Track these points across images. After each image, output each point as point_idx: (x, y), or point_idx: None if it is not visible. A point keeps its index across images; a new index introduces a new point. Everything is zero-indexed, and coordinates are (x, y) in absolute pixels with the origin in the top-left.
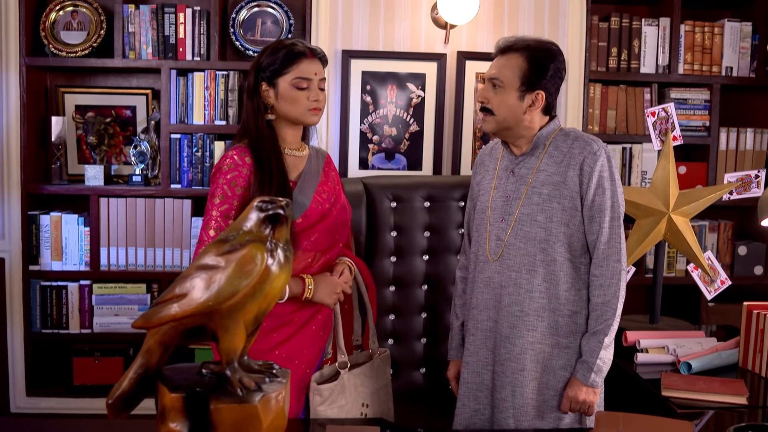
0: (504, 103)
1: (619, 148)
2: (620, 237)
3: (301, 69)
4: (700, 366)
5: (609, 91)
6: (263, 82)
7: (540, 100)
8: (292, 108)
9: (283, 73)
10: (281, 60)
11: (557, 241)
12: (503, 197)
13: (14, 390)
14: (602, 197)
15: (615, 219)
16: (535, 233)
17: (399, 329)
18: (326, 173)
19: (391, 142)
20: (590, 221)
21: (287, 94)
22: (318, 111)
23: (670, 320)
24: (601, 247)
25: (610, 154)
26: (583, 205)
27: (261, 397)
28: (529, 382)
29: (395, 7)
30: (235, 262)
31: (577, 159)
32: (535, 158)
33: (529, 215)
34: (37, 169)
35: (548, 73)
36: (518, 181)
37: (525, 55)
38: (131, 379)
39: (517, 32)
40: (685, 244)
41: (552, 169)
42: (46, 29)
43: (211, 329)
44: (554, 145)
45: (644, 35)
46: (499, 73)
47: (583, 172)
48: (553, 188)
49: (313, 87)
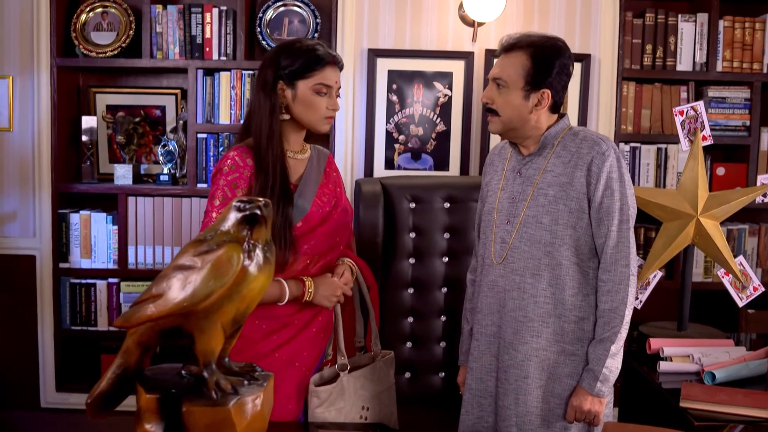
0: (509, 104)
1: (653, 149)
2: (629, 241)
3: (324, 75)
4: (725, 376)
5: (643, 89)
6: (281, 80)
7: (546, 99)
8: (309, 113)
9: (306, 76)
10: (306, 63)
11: (563, 245)
12: (509, 198)
13: (44, 385)
14: (611, 199)
15: (624, 222)
16: (540, 236)
17: (418, 332)
18: (327, 174)
19: (417, 142)
20: (598, 224)
21: (306, 99)
22: (332, 119)
23: (699, 327)
24: (609, 251)
25: (619, 155)
26: (591, 207)
27: (235, 400)
28: (533, 390)
29: (422, 4)
30: (210, 263)
31: (584, 159)
32: (542, 158)
33: (535, 217)
34: (69, 168)
35: (554, 71)
36: (525, 182)
37: (529, 52)
38: (109, 379)
39: (547, 31)
40: (714, 248)
41: (559, 169)
42: (76, 30)
43: (187, 330)
44: (562, 145)
45: (681, 31)
46: (502, 72)
47: (590, 173)
48: (560, 189)
49: (332, 94)
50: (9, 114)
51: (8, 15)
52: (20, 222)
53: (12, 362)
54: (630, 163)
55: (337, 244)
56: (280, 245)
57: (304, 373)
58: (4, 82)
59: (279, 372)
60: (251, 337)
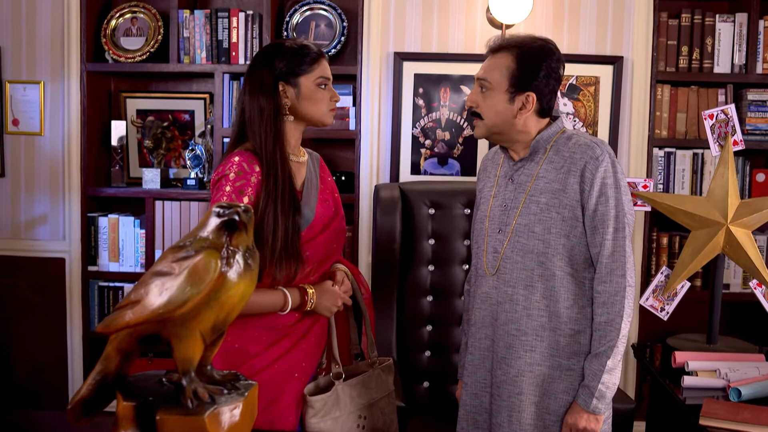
0: (492, 107)
1: (689, 154)
2: (625, 250)
3: (323, 68)
4: (752, 393)
5: (679, 92)
6: (281, 80)
7: (531, 103)
8: (315, 108)
9: (307, 71)
10: (304, 59)
11: (556, 254)
12: (501, 206)
13: (72, 387)
14: (605, 206)
15: (620, 230)
16: (532, 245)
17: (436, 340)
18: (323, 179)
19: (444, 147)
20: (593, 232)
21: (311, 94)
22: (334, 111)
23: (730, 341)
24: (604, 260)
25: (615, 160)
26: (585, 215)
27: (211, 410)
28: (527, 407)
29: (449, 7)
30: (187, 270)
31: (578, 164)
32: (534, 164)
33: (527, 226)
34: (99, 172)
35: (540, 73)
36: (517, 188)
37: (514, 53)
38: (90, 385)
39: (578, 32)
40: (745, 258)
41: (551, 175)
42: (106, 36)
43: (165, 337)
44: (555, 150)
45: (718, 32)
46: (486, 74)
47: (584, 179)
48: (552, 197)
49: (330, 87)
50: (41, 119)
51: (40, 22)
52: (51, 225)
53: (42, 362)
54: (664, 169)
55: (335, 250)
56: (291, 256)
57: (303, 384)
58: (36, 88)
59: (279, 384)
60: (250, 349)
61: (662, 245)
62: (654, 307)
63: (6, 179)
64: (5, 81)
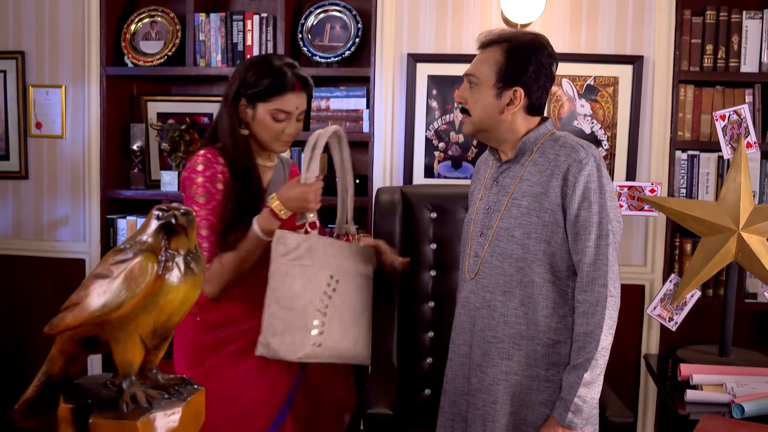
0: (479, 103)
1: (714, 157)
2: (608, 258)
3: (284, 101)
4: (756, 410)
5: (703, 93)
6: (243, 98)
7: (519, 98)
8: (264, 134)
9: (266, 100)
10: (267, 88)
11: (536, 260)
12: (485, 209)
13: None
14: (588, 212)
15: (603, 237)
16: (512, 250)
17: (438, 347)
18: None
19: (458, 150)
20: (574, 239)
21: (263, 121)
22: (288, 143)
23: (746, 353)
24: (586, 269)
25: (601, 163)
26: (567, 221)
27: (147, 415)
28: (502, 417)
29: (463, 8)
30: (123, 273)
31: (561, 167)
32: (519, 166)
33: (507, 230)
34: (119, 175)
35: (529, 68)
36: (500, 191)
37: (503, 47)
38: (34, 387)
39: (596, 31)
40: (759, 266)
41: (535, 178)
42: (126, 40)
43: (104, 340)
44: (541, 152)
45: (745, 30)
46: (474, 69)
47: (566, 183)
48: (534, 200)
49: (291, 120)
50: (62, 122)
51: (61, 27)
52: (71, 226)
53: None
54: (687, 172)
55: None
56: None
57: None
58: (58, 92)
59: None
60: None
61: (686, 252)
62: (662, 316)
63: (30, 181)
64: (29, 85)
